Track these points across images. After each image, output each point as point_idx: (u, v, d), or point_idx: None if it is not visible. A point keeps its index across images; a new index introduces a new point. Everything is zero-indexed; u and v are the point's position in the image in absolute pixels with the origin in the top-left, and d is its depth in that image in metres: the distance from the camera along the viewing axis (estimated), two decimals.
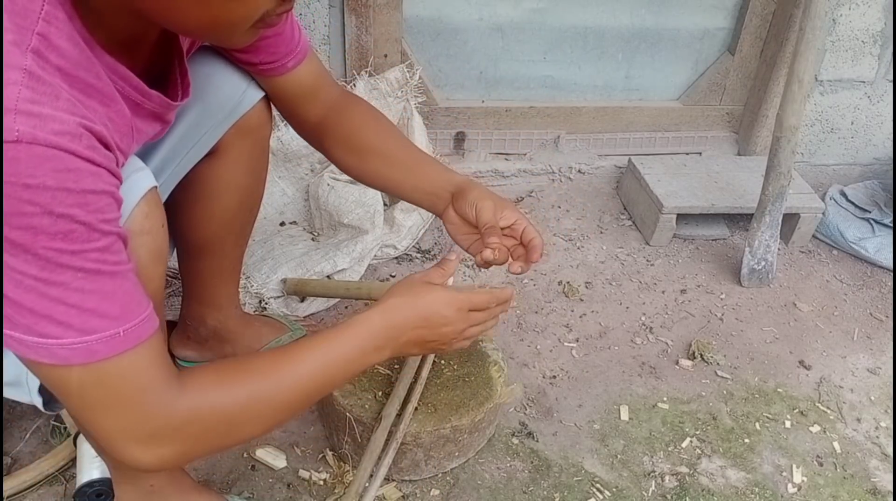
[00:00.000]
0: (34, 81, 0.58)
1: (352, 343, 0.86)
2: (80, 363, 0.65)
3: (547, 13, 1.92)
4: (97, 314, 0.64)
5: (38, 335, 0.63)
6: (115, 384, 0.68)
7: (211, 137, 1.08)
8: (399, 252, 1.77)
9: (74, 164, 0.60)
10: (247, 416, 0.78)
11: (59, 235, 0.60)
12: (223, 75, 1.05)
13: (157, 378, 0.71)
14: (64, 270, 0.61)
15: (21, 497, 1.16)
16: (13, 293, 0.61)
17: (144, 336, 0.69)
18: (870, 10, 1.96)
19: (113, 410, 0.69)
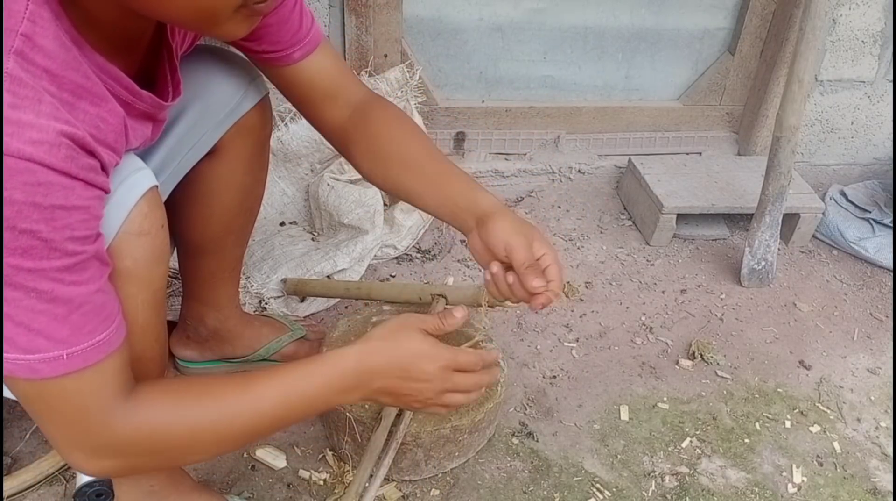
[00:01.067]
0: (15, 85, 0.57)
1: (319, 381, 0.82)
2: (24, 378, 0.66)
3: (547, 13, 1.92)
4: (43, 335, 0.64)
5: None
6: (57, 402, 0.69)
7: (211, 136, 1.07)
8: (399, 252, 1.77)
9: (46, 177, 0.59)
10: (192, 441, 0.77)
11: (18, 250, 0.59)
12: (224, 75, 1.05)
13: (102, 400, 0.71)
14: (16, 288, 0.61)
15: (21, 497, 1.16)
16: None
17: (91, 361, 0.68)
18: (870, 10, 1.96)
19: (56, 423, 0.71)
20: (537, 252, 0.94)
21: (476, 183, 1.00)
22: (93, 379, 0.69)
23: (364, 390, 0.85)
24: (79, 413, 0.70)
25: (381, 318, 1.38)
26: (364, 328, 1.35)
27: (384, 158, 1.03)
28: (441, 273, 1.74)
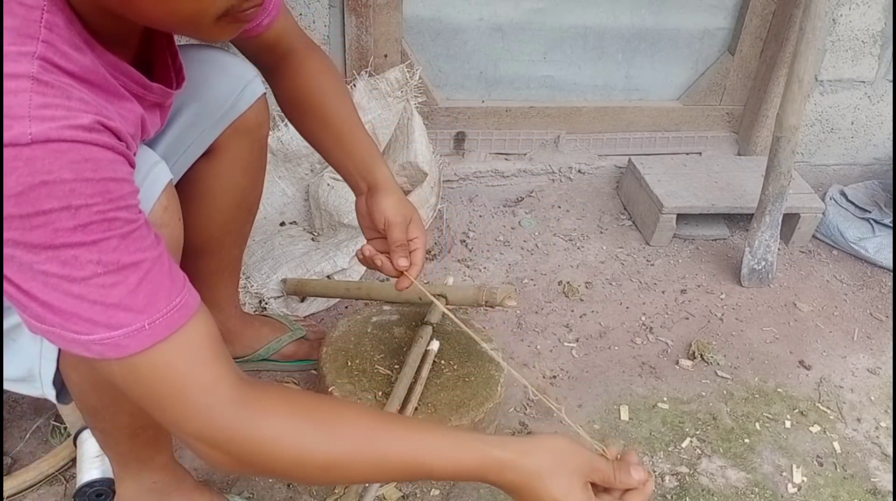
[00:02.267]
0: (43, 86, 0.59)
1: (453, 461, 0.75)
2: (115, 358, 0.65)
3: (547, 13, 1.92)
4: (122, 309, 0.63)
5: (71, 330, 0.63)
6: (153, 381, 0.67)
7: (208, 136, 1.07)
8: None
9: (91, 153, 0.60)
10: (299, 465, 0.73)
11: (79, 228, 0.60)
12: (220, 74, 1.05)
13: (197, 375, 0.68)
14: (84, 265, 0.61)
15: (21, 497, 1.16)
16: (40, 293, 0.61)
17: (177, 325, 0.67)
18: (870, 10, 1.96)
19: (158, 405, 0.69)
20: (411, 234, 1.03)
21: (378, 152, 1.08)
22: (182, 347, 0.67)
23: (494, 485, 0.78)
24: (177, 392, 0.68)
25: (381, 318, 1.38)
26: (364, 328, 1.35)
27: (303, 106, 1.08)
28: (441, 273, 1.74)
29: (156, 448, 1.01)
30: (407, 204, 1.05)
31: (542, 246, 1.88)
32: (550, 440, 0.80)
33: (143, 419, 0.95)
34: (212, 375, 0.69)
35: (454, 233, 1.89)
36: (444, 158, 1.98)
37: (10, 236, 0.58)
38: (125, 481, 1.04)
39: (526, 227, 1.95)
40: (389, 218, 1.02)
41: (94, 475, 1.11)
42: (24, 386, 0.88)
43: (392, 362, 1.28)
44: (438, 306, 1.19)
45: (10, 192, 0.56)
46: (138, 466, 1.02)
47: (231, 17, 0.66)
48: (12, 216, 0.57)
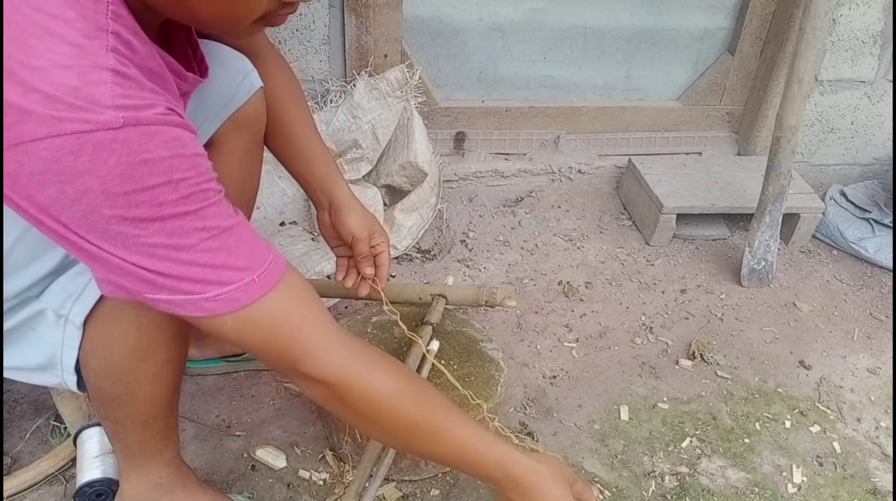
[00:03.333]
0: (120, 78, 0.62)
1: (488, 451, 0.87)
2: (228, 312, 0.70)
3: (547, 13, 1.92)
4: (229, 268, 0.69)
5: (183, 293, 0.68)
6: (270, 326, 0.73)
7: (208, 128, 1.08)
8: (399, 252, 1.77)
9: (177, 133, 0.65)
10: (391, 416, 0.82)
11: (181, 199, 0.65)
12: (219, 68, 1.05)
13: (306, 322, 0.76)
14: (190, 233, 0.66)
15: (21, 497, 1.16)
16: (149, 264, 0.65)
17: (278, 277, 0.73)
18: (870, 10, 1.96)
19: (276, 348, 0.75)
20: (374, 241, 1.16)
21: (336, 168, 1.16)
22: (289, 294, 0.74)
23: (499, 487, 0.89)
24: (293, 335, 0.75)
25: (381, 318, 1.38)
26: (364, 328, 1.35)
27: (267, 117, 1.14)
28: (441, 273, 1.74)
29: (164, 442, 1.02)
30: (368, 216, 1.17)
31: (542, 246, 1.88)
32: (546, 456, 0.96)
33: (155, 410, 0.96)
34: (322, 317, 0.78)
35: (454, 233, 1.89)
36: (444, 158, 1.98)
37: (116, 212, 0.62)
38: (131, 476, 1.04)
39: (526, 227, 1.95)
40: (356, 234, 1.14)
41: (94, 475, 1.11)
42: (41, 375, 0.90)
43: None
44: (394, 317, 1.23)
45: (112, 172, 0.60)
46: (145, 459, 1.02)
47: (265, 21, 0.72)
48: (117, 194, 0.61)
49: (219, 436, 1.29)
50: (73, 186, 0.60)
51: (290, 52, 1.75)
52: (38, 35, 0.59)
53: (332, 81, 1.80)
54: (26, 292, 0.83)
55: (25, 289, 0.83)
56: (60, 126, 0.58)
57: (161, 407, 0.96)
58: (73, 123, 0.59)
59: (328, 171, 1.15)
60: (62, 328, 0.85)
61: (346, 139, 1.77)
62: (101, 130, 0.59)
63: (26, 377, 0.91)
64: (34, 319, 0.84)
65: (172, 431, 1.03)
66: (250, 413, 1.34)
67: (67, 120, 0.58)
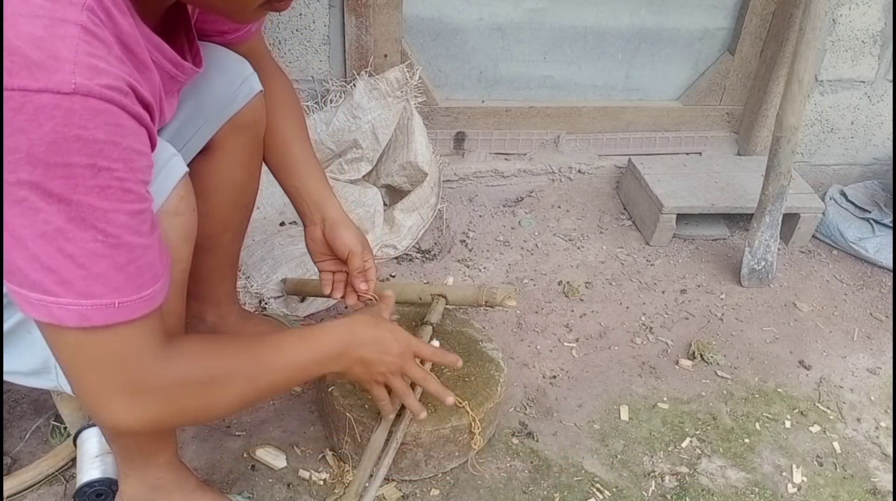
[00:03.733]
0: (89, 36, 0.60)
1: (320, 347, 0.93)
2: (74, 326, 0.67)
3: (547, 13, 1.92)
4: (101, 281, 0.65)
5: (42, 291, 0.64)
6: (101, 351, 0.70)
7: (206, 132, 1.08)
8: (399, 252, 1.77)
9: (123, 119, 0.62)
10: (223, 390, 0.82)
11: (97, 188, 0.61)
12: (217, 71, 1.05)
13: (147, 348, 0.73)
14: (87, 227, 0.63)
15: (21, 497, 1.16)
16: (33, 243, 0.62)
17: (138, 313, 0.70)
18: (870, 10, 1.96)
19: (98, 371, 0.71)
20: (364, 257, 1.20)
21: (329, 185, 1.19)
22: (139, 330, 0.71)
23: (347, 358, 0.96)
24: (123, 362, 0.71)
25: None
26: None
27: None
28: (441, 273, 1.74)
29: (160, 444, 1.02)
30: (359, 232, 1.21)
31: (542, 246, 1.88)
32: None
33: None
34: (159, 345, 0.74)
35: (454, 233, 1.89)
36: (444, 158, 1.98)
37: (32, 178, 0.59)
38: (129, 478, 1.04)
39: (526, 227, 1.95)
40: (352, 249, 1.17)
41: (94, 475, 1.11)
42: (36, 379, 0.89)
43: None
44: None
45: (44, 138, 0.58)
46: (142, 461, 1.02)
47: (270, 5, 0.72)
48: (38, 161, 0.59)
49: (219, 436, 1.29)
50: (5, 142, 0.58)
51: (290, 52, 1.75)
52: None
53: (332, 81, 1.80)
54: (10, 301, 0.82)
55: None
56: (10, 80, 0.57)
57: None
58: (24, 79, 0.57)
59: (322, 187, 1.18)
60: None
61: (346, 139, 1.77)
62: (49, 92, 0.57)
63: (23, 380, 0.90)
64: (27, 323, 0.84)
65: (169, 433, 1.03)
66: (250, 413, 1.34)
67: (19, 75, 0.57)
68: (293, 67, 1.77)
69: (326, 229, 1.18)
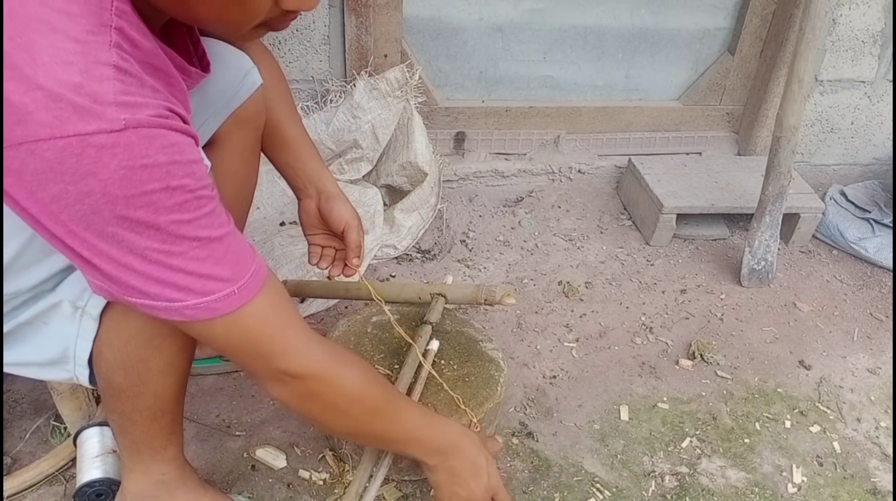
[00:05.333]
0: (122, 74, 0.63)
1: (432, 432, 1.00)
2: (208, 319, 0.74)
3: (547, 13, 1.92)
4: (213, 278, 0.72)
5: (165, 300, 0.71)
6: (248, 333, 0.78)
7: (210, 126, 1.08)
8: (399, 252, 1.77)
9: (175, 138, 0.66)
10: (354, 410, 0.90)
11: (176, 206, 0.66)
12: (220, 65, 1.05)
13: (283, 326, 0.81)
14: (182, 240, 0.68)
15: (21, 497, 1.16)
16: (139, 266, 0.68)
17: (256, 288, 0.76)
18: (870, 10, 1.96)
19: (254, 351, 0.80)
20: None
21: (321, 158, 1.20)
22: (265, 305, 0.78)
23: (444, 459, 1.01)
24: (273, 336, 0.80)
25: (381, 318, 1.38)
26: (364, 328, 1.35)
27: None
28: (441, 273, 1.74)
29: (169, 438, 1.02)
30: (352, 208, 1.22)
31: (542, 246, 1.88)
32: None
33: (163, 404, 0.97)
34: (297, 321, 0.83)
35: (454, 233, 1.89)
36: (444, 158, 1.98)
37: (116, 214, 0.64)
38: (133, 472, 1.04)
39: (526, 227, 1.95)
40: (349, 222, 1.18)
41: (94, 475, 1.11)
42: (52, 370, 0.91)
43: (392, 362, 1.28)
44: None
45: (114, 175, 0.62)
46: (150, 455, 1.02)
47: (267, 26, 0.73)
48: (117, 197, 0.63)
49: (219, 436, 1.29)
50: (76, 187, 0.61)
51: (290, 52, 1.75)
52: (41, 31, 0.60)
53: (332, 81, 1.80)
54: (41, 286, 0.84)
55: (41, 282, 0.84)
56: (64, 128, 0.59)
57: (169, 400, 0.97)
58: (76, 124, 0.59)
59: (317, 163, 1.19)
60: (78, 319, 0.86)
61: (346, 139, 1.77)
62: (104, 132, 0.60)
63: (36, 372, 0.91)
64: (48, 313, 0.86)
65: (178, 427, 1.04)
66: (250, 413, 1.34)
67: (70, 121, 0.59)
68: (293, 67, 1.77)
69: (322, 201, 1.19)
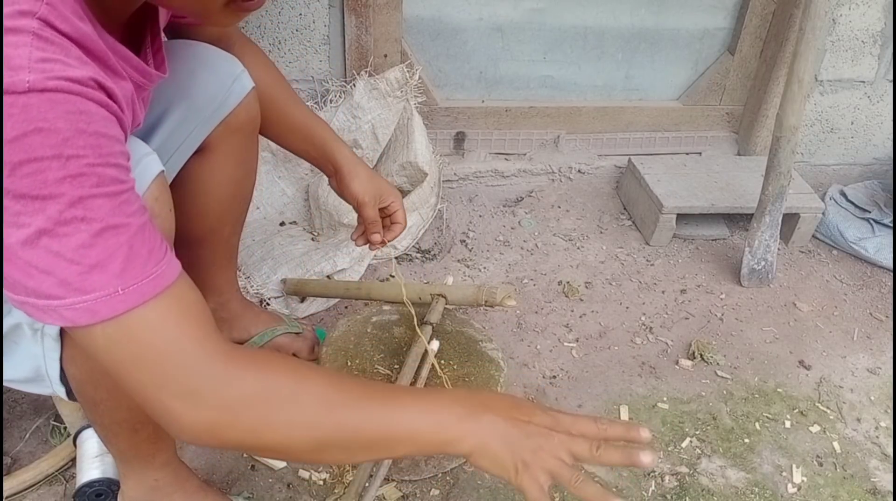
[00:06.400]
0: (43, 42, 0.59)
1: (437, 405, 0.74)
2: (87, 324, 0.63)
3: (547, 13, 1.92)
4: (97, 270, 0.62)
5: (45, 297, 0.62)
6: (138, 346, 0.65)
7: (199, 134, 1.07)
8: (399, 252, 1.77)
9: (86, 106, 0.60)
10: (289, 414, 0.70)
11: (68, 178, 0.59)
12: (207, 72, 1.05)
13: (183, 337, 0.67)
14: (68, 221, 0.60)
15: (21, 497, 1.16)
16: (21, 249, 0.60)
17: (149, 294, 0.65)
18: (870, 10, 1.96)
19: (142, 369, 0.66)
20: (385, 201, 1.20)
21: (333, 132, 1.17)
22: (164, 316, 0.66)
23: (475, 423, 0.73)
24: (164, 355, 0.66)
25: (380, 318, 1.38)
26: (364, 328, 1.35)
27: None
28: (441, 273, 1.74)
29: (157, 446, 1.01)
30: (374, 179, 1.18)
31: (542, 246, 1.88)
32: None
33: (141, 416, 0.94)
34: (195, 336, 0.67)
35: (454, 233, 1.89)
36: (444, 158, 1.98)
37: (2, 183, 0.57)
38: (129, 479, 1.04)
39: (526, 227, 1.95)
40: (359, 199, 1.16)
41: (93, 475, 1.11)
42: (34, 386, 0.88)
43: (392, 362, 1.28)
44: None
45: (5, 138, 0.56)
46: (140, 463, 1.02)
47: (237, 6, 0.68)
48: (6, 164, 0.57)
49: None
50: None
51: (289, 52, 1.75)
52: None
53: (331, 81, 1.80)
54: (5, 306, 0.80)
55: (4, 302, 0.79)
56: None
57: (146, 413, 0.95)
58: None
59: (326, 139, 1.17)
60: (40, 340, 0.82)
61: (346, 139, 1.77)
62: (6, 93, 0.56)
63: (22, 386, 0.89)
64: (14, 333, 0.82)
65: (165, 434, 1.01)
66: None
67: None
68: (293, 67, 1.77)
69: (338, 179, 1.18)
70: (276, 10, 1.68)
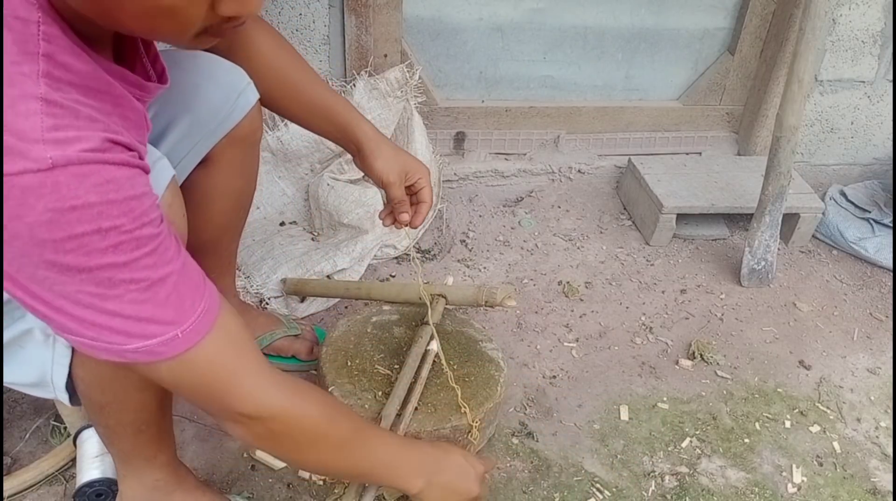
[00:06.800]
0: (52, 107, 0.59)
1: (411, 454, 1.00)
2: (147, 362, 0.69)
3: (547, 13, 1.92)
4: (153, 322, 0.67)
5: (105, 341, 0.67)
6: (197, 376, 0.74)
7: (202, 147, 1.07)
8: (399, 252, 1.77)
9: (110, 173, 0.61)
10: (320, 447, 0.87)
11: (110, 249, 0.62)
12: (211, 85, 1.04)
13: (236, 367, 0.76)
14: (117, 284, 0.64)
15: (21, 497, 1.16)
16: (73, 309, 0.64)
17: (205, 330, 0.72)
18: (870, 10, 1.96)
19: (207, 395, 0.76)
20: (411, 179, 1.15)
21: (353, 109, 1.12)
22: (213, 347, 0.73)
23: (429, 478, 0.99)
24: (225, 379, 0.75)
25: (380, 318, 1.38)
26: (364, 328, 1.35)
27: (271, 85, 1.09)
28: (441, 273, 1.74)
29: (158, 446, 1.02)
30: (399, 156, 1.13)
31: (542, 246, 1.88)
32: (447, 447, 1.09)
33: (146, 417, 0.95)
34: (252, 360, 0.78)
35: (454, 233, 1.89)
36: (444, 158, 1.98)
37: (44, 258, 0.60)
38: (128, 479, 1.04)
39: (526, 227, 1.95)
40: (385, 179, 1.12)
41: (93, 475, 1.11)
42: (36, 390, 0.89)
43: (392, 362, 1.28)
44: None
45: (40, 219, 0.58)
46: (141, 463, 1.02)
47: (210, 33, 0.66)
48: (45, 241, 0.59)
49: (219, 436, 1.29)
50: (4, 231, 0.58)
51: None
52: None
53: (331, 81, 1.80)
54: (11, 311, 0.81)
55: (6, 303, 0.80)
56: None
57: (152, 413, 0.96)
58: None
59: (347, 117, 1.11)
60: (51, 346, 0.84)
61: None
62: (30, 172, 0.56)
63: (26, 390, 0.90)
64: (22, 337, 0.83)
65: (167, 435, 1.03)
66: None
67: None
68: None
69: (361, 159, 1.13)
70: (276, 10, 1.68)
